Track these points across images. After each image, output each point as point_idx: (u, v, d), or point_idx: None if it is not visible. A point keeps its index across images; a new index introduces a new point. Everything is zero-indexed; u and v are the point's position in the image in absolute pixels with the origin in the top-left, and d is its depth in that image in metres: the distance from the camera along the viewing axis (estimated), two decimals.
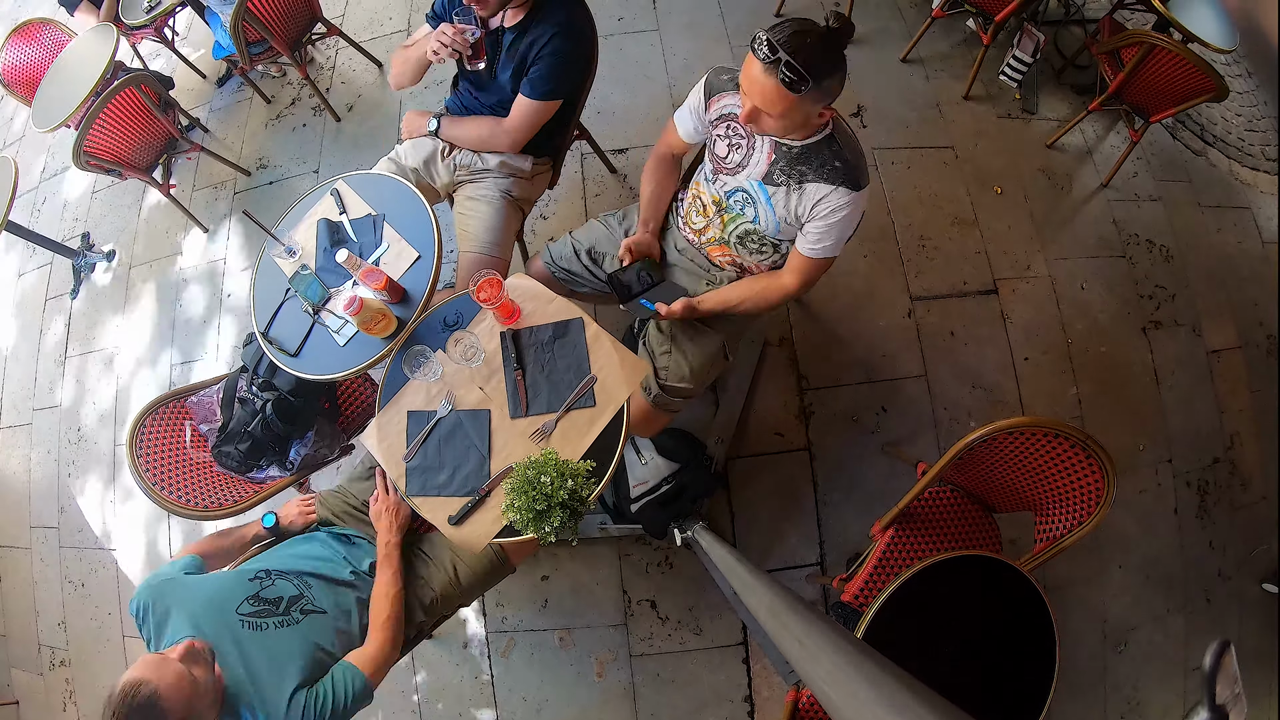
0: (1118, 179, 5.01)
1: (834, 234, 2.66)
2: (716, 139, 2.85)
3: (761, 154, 2.71)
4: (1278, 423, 4.46)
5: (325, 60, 5.78)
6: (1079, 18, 5.80)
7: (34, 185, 6.17)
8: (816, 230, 2.67)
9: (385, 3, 5.84)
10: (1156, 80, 4.45)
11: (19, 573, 5.00)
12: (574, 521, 2.34)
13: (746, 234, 2.93)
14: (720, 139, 2.83)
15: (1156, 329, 4.63)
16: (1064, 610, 2.90)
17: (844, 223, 2.64)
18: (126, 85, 4.44)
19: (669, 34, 5.38)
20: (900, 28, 5.45)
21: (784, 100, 2.34)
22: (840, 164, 2.57)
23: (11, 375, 5.52)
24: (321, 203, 3.22)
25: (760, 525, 4.07)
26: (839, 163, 2.57)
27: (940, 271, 4.60)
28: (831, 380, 4.33)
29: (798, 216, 2.72)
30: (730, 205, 2.90)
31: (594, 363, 2.70)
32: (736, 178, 2.82)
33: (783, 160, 2.66)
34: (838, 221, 2.63)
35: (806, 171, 2.62)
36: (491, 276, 2.66)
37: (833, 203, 2.60)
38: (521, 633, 3.98)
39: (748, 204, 2.84)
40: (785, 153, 2.65)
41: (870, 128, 4.98)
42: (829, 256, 2.75)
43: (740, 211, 2.88)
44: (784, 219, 2.75)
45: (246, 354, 3.38)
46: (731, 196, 2.88)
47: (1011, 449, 2.97)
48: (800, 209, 2.68)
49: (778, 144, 2.65)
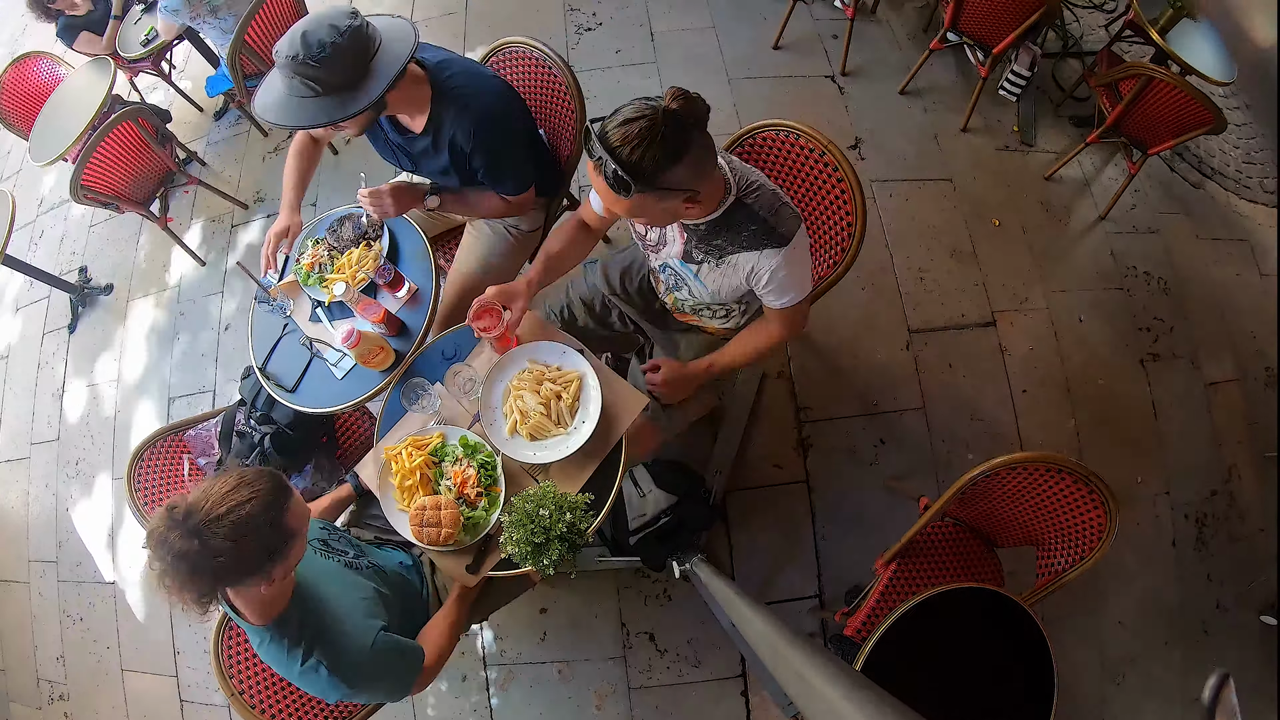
0: (1116, 211, 5.14)
1: (789, 287, 2.54)
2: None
3: (674, 231, 2.61)
4: (1276, 455, 4.49)
5: None
6: (1077, 50, 5.94)
7: (31, 219, 6.33)
8: (770, 292, 2.56)
9: None
10: (1155, 112, 4.56)
11: (18, 607, 5.09)
12: (572, 554, 2.38)
13: (696, 307, 2.94)
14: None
15: (1155, 361, 4.74)
16: (1062, 642, 2.97)
17: (790, 276, 2.50)
18: (124, 119, 4.59)
19: (667, 67, 5.53)
20: (898, 60, 5.62)
21: (618, 203, 2.16)
22: (755, 227, 2.42)
23: (9, 409, 5.64)
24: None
25: (759, 558, 4.16)
26: (754, 225, 2.42)
27: (938, 304, 4.71)
28: (830, 413, 4.43)
29: (734, 288, 2.62)
30: (665, 281, 2.90)
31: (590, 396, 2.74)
32: (660, 255, 2.75)
33: (694, 238, 2.55)
34: (784, 278, 2.49)
35: (724, 245, 2.49)
36: (491, 306, 2.67)
37: (767, 266, 2.46)
38: (521, 665, 4.07)
39: (679, 282, 2.79)
40: (694, 230, 2.52)
41: (868, 160, 5.13)
42: (800, 301, 2.60)
43: (675, 287, 2.86)
44: (717, 292, 2.68)
45: (244, 388, 3.50)
46: (664, 272, 2.84)
47: (1014, 484, 3.02)
48: (734, 281, 2.59)
49: (683, 223, 2.54)
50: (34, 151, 5.23)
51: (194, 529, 1.79)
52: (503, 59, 3.65)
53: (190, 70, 6.42)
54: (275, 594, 2.08)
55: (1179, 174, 5.50)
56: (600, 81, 5.48)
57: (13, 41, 7.61)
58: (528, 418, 2.66)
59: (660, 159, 2.03)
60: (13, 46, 7.37)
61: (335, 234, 3.24)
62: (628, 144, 2.00)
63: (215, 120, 6.19)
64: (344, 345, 2.81)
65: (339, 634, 2.16)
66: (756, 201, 2.41)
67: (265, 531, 1.87)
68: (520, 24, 5.85)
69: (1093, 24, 6.15)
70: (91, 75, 5.26)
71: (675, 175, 2.09)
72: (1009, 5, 4.66)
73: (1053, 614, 3.68)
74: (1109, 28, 5.97)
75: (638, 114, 2.02)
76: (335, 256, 3.20)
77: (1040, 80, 5.61)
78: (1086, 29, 6.11)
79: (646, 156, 2.01)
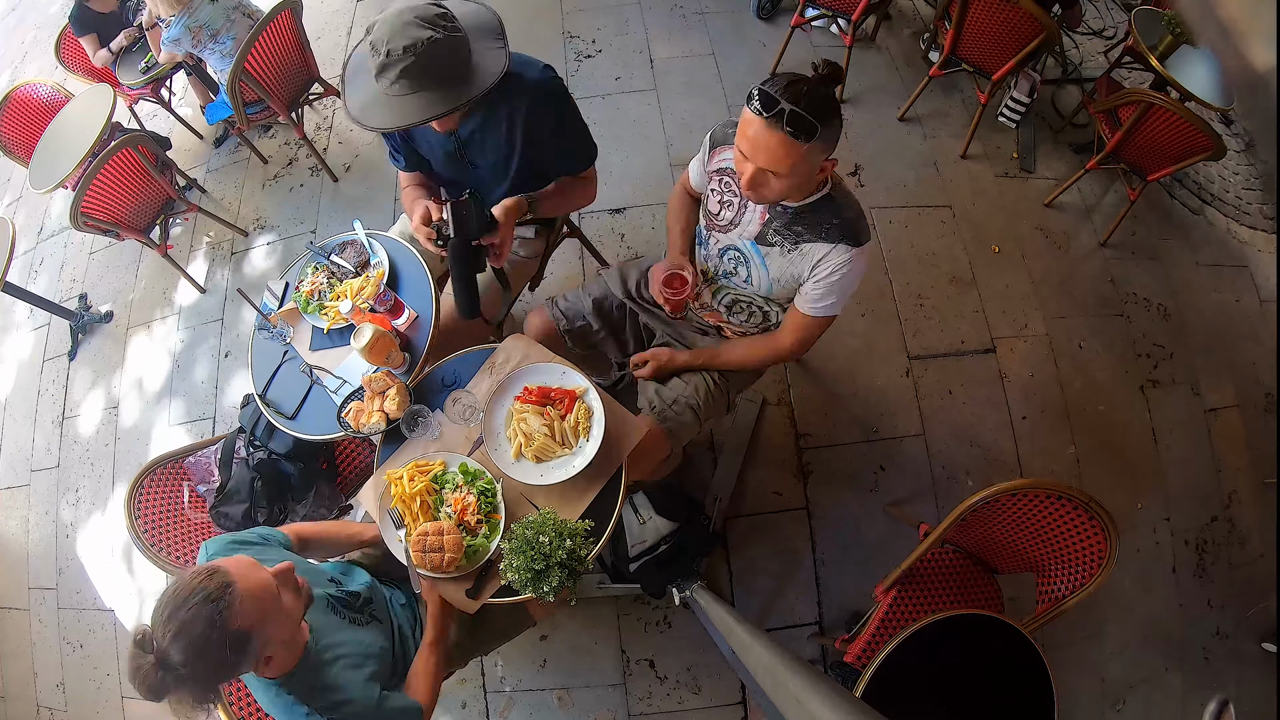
0: (1115, 237, 5.25)
1: (836, 292, 2.66)
2: (710, 194, 2.86)
3: (755, 212, 2.71)
4: (1276, 481, 4.52)
5: (323, 120, 5.97)
6: (1076, 77, 6.05)
7: (31, 246, 6.44)
8: (817, 289, 2.66)
9: None
10: (1154, 139, 4.67)
11: (18, 634, 5.13)
12: (573, 581, 2.42)
13: (735, 301, 3.03)
14: (714, 194, 2.84)
15: (1154, 387, 4.83)
16: (1062, 668, 3.01)
17: (846, 280, 2.63)
18: (124, 146, 4.68)
19: (666, 94, 5.63)
20: (898, 86, 5.74)
21: (792, 153, 2.29)
22: (839, 221, 2.56)
23: (9, 436, 5.72)
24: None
25: (759, 584, 4.23)
26: (837, 220, 2.56)
27: (938, 330, 4.81)
28: (830, 439, 4.51)
29: (794, 277, 2.71)
30: (723, 265, 2.94)
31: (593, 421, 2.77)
32: (729, 235, 2.83)
33: (777, 221, 2.66)
34: (839, 279, 2.61)
35: (803, 231, 2.61)
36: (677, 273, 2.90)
37: (833, 261, 2.58)
38: (520, 692, 4.12)
39: (740, 263, 2.86)
40: (781, 213, 2.64)
41: (868, 186, 5.26)
42: (830, 315, 2.74)
43: (733, 271, 2.91)
44: (778, 280, 2.77)
45: (244, 415, 3.54)
46: (725, 254, 2.90)
47: (1014, 510, 3.07)
48: (797, 270, 2.68)
49: (771, 206, 2.65)
50: (34, 178, 5.30)
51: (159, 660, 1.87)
52: None
53: (190, 97, 6.55)
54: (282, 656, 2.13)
55: (1178, 200, 5.61)
56: (600, 108, 5.57)
57: (13, 69, 7.74)
58: (532, 440, 2.69)
59: (831, 110, 2.29)
60: (13, 74, 7.50)
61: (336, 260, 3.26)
62: (802, 97, 2.22)
63: (215, 147, 6.31)
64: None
65: (345, 701, 2.20)
66: (846, 199, 2.61)
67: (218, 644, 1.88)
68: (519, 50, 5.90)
69: (1092, 50, 6.27)
70: (91, 102, 5.35)
71: (832, 130, 2.33)
72: (1009, 32, 4.76)
73: (1053, 640, 3.72)
74: (1108, 54, 6.10)
75: (798, 76, 2.28)
76: (334, 284, 3.23)
77: (1040, 107, 5.75)
78: (1086, 55, 6.23)
79: (824, 104, 2.26)
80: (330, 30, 6.60)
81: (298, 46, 5.23)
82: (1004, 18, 4.69)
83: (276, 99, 5.17)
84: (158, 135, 5.89)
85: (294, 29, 5.12)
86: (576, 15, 6.22)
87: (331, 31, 6.60)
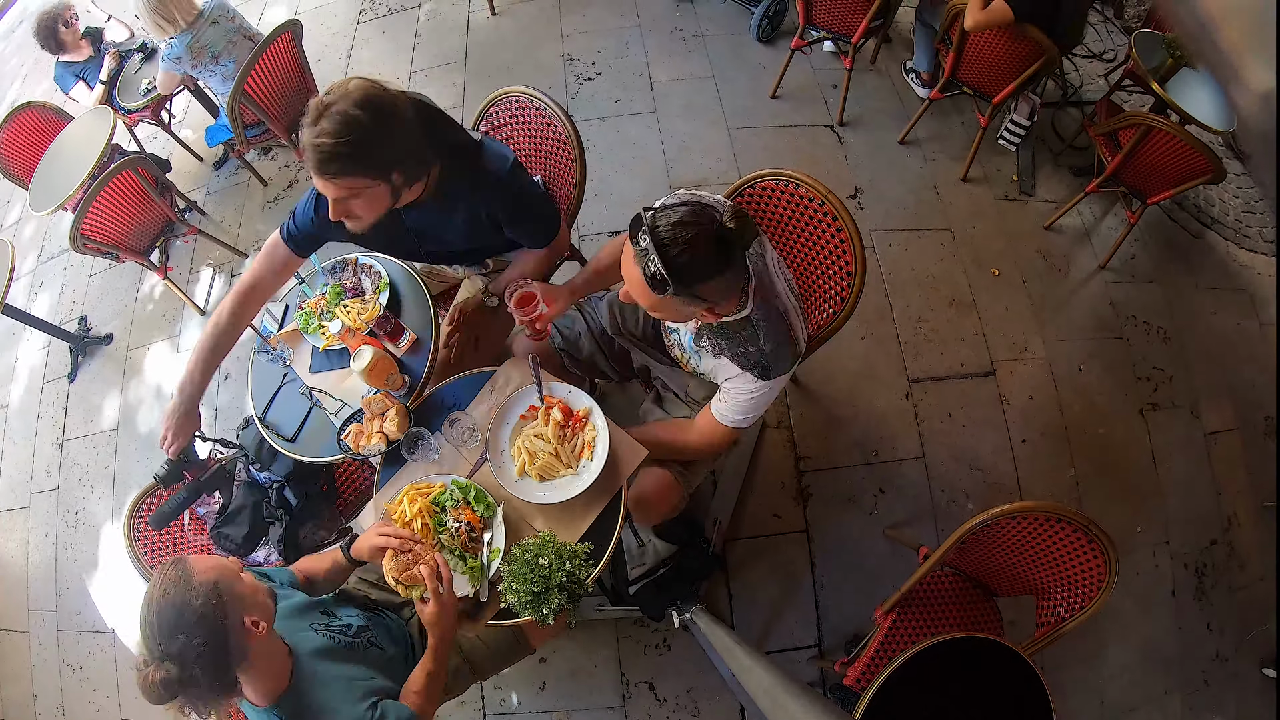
0: (1115, 260, 5.33)
1: (738, 409, 2.64)
2: None
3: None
4: (1276, 505, 4.54)
5: None
6: (1076, 100, 6.12)
7: (31, 268, 6.54)
8: (726, 400, 2.66)
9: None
10: (1154, 162, 4.73)
11: (17, 656, 5.17)
12: (572, 604, 2.43)
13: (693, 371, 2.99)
14: None
15: (1154, 410, 4.89)
16: (1061, 691, 3.05)
17: (749, 404, 2.60)
18: (124, 168, 4.78)
19: (666, 116, 5.71)
20: (898, 109, 5.83)
21: (646, 296, 2.20)
22: (754, 350, 2.48)
23: (9, 458, 5.78)
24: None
25: (758, 607, 4.27)
26: (754, 348, 2.48)
27: (938, 353, 4.87)
28: (829, 462, 4.56)
29: (714, 380, 2.74)
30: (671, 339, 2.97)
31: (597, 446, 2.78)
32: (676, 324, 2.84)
33: (706, 329, 2.59)
34: (745, 400, 2.59)
35: (724, 346, 2.55)
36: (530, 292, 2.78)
37: (739, 386, 2.57)
38: (519, 715, 4.15)
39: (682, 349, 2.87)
40: (707, 323, 2.55)
41: (868, 209, 5.34)
42: (735, 428, 2.71)
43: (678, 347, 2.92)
44: (708, 373, 2.77)
45: (244, 437, 3.52)
46: (672, 334, 2.93)
47: (1014, 533, 3.09)
48: (716, 376, 2.70)
49: None
50: (34, 201, 5.40)
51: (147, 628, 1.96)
52: (502, 108, 3.75)
53: (190, 119, 6.65)
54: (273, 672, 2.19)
55: (1178, 223, 5.69)
56: (600, 131, 5.63)
57: (13, 91, 7.78)
58: (536, 458, 2.72)
59: (702, 270, 2.11)
60: (13, 96, 7.54)
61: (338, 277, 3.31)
62: (676, 246, 2.05)
63: (215, 169, 6.41)
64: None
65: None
66: (770, 328, 2.46)
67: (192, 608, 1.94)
68: (519, 74, 6.07)
69: (1092, 73, 6.35)
70: (91, 125, 5.44)
71: (709, 288, 2.17)
72: (1009, 55, 4.84)
73: (1052, 663, 3.76)
74: (1108, 77, 6.16)
75: (693, 219, 2.09)
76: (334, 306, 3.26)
77: (1040, 129, 5.84)
78: (1086, 78, 6.31)
79: (692, 264, 2.08)
80: (330, 53, 6.72)
81: (298, 69, 5.34)
82: (1004, 41, 4.75)
83: (276, 121, 5.27)
84: (158, 157, 6.00)
85: (294, 51, 5.23)
86: (577, 38, 6.32)
87: (332, 54, 6.71)
